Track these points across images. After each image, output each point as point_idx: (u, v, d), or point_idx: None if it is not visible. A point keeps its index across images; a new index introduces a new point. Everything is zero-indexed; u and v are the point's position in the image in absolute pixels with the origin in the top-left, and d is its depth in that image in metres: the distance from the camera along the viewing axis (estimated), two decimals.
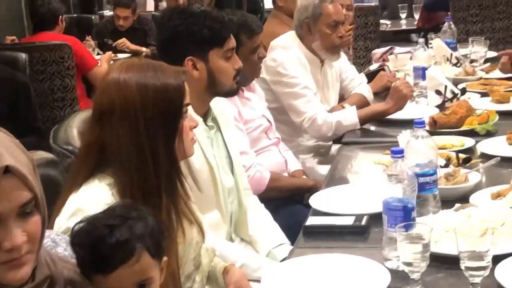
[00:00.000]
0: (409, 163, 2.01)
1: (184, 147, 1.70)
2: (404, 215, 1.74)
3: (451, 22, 4.40)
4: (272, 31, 3.72)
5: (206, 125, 2.27)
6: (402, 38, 7.09)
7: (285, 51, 3.22)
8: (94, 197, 1.58)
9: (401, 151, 1.80)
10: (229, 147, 2.34)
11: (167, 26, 2.28)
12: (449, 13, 5.40)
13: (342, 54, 3.49)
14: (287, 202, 2.79)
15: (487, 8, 5.53)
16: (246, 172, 2.64)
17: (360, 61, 5.71)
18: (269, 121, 2.93)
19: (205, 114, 2.27)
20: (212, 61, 2.24)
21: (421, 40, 3.78)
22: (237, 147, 2.49)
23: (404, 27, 6.76)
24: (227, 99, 2.49)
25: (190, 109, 1.76)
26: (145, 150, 1.61)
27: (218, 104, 2.36)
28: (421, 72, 3.47)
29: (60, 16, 4.85)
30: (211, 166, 2.20)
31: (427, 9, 6.31)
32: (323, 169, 3.13)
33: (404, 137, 2.39)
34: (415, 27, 6.74)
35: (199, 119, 2.19)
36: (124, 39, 5.52)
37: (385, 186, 1.80)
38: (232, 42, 2.26)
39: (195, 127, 1.76)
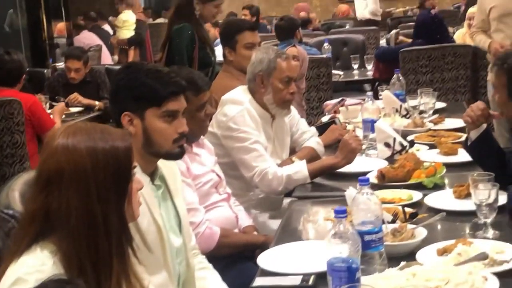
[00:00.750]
0: (355, 220, 2.03)
1: (133, 209, 1.69)
2: (349, 275, 1.74)
3: (399, 74, 4.48)
4: (223, 85, 3.75)
5: (154, 184, 2.24)
6: (355, 88, 7.17)
7: (236, 106, 3.23)
8: (35, 266, 1.54)
9: (344, 211, 1.81)
10: (178, 206, 2.32)
11: (113, 80, 2.30)
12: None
13: (293, 108, 3.52)
14: (237, 260, 2.76)
15: (436, 59, 5.67)
16: (196, 229, 2.62)
17: (314, 111, 5.77)
18: (219, 176, 2.92)
19: (152, 173, 2.25)
20: (148, 120, 2.18)
21: (369, 93, 3.83)
22: (186, 203, 2.47)
23: (356, 77, 6.85)
24: None
25: (138, 169, 1.74)
26: (96, 214, 1.58)
27: (167, 163, 2.34)
28: (370, 125, 3.51)
29: (24, 75, 4.80)
30: (158, 226, 2.17)
31: (379, 60, 6.43)
32: (275, 224, 3.10)
33: (351, 193, 2.39)
34: (368, 77, 6.84)
35: (146, 179, 2.17)
36: (75, 94, 5.47)
37: (331, 245, 1.80)
38: (175, 105, 2.20)
39: (140, 189, 1.74)
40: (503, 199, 2.47)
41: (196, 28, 4.32)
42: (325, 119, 4.27)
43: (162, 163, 2.29)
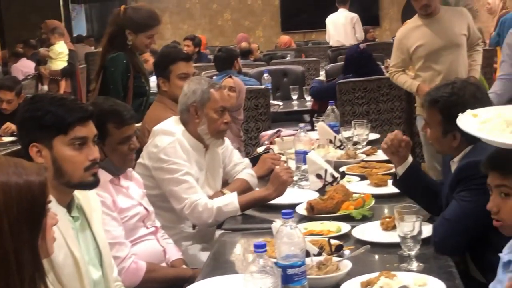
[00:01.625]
0: (278, 254, 2.01)
1: (47, 246, 1.63)
2: None
3: (334, 106, 4.52)
4: (156, 116, 3.72)
5: (71, 216, 2.18)
6: (295, 118, 7.23)
7: (167, 137, 3.20)
8: None
9: (263, 245, 1.79)
10: (97, 238, 2.26)
11: (18, 113, 2.25)
12: None
13: (226, 139, 3.51)
14: None
15: (371, 90, 5.76)
16: (121, 263, 2.57)
17: (252, 142, 5.78)
18: (146, 209, 2.87)
19: (69, 204, 2.19)
20: (56, 148, 2.13)
21: (302, 124, 3.85)
22: (111, 238, 2.41)
23: (295, 108, 6.90)
24: (101, 187, 2.42)
25: (53, 201, 1.69)
26: (8, 251, 1.52)
27: (85, 193, 2.28)
28: (302, 156, 3.52)
29: None
30: (76, 259, 2.10)
31: (314, 98, 6.47)
32: (207, 256, 3.07)
33: (277, 226, 2.38)
34: (307, 108, 6.89)
35: (63, 210, 2.12)
36: (8, 124, 5.36)
37: (250, 280, 1.78)
38: (82, 131, 2.15)
39: (55, 224, 1.69)
40: (428, 231, 2.50)
41: (131, 57, 4.28)
42: (260, 150, 4.27)
43: (79, 193, 2.23)
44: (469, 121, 2.10)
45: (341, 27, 11.04)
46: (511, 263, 1.97)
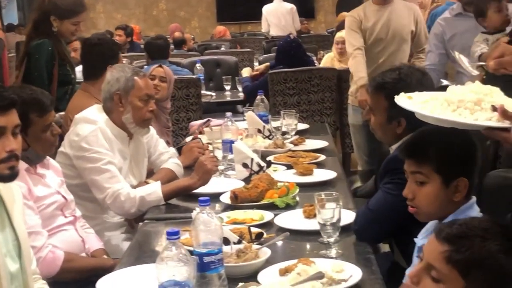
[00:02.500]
0: (195, 241, 1.99)
1: None
2: None
3: (263, 96, 4.51)
4: (79, 104, 3.63)
5: None
6: (228, 109, 7.18)
7: (90, 125, 3.13)
8: None
9: (177, 233, 1.76)
10: (17, 229, 2.18)
11: None
12: None
13: (151, 128, 3.45)
14: (83, 285, 2.64)
15: (302, 81, 5.78)
16: (38, 253, 2.50)
17: (183, 132, 5.73)
18: (65, 198, 2.80)
19: None
20: None
21: (229, 114, 3.83)
22: (27, 227, 2.34)
23: (228, 98, 6.86)
24: None
25: None
26: None
27: (7, 184, 2.20)
28: (229, 145, 3.50)
29: None
30: None
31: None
32: None
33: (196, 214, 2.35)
34: (240, 99, 6.87)
35: None
36: None
37: (163, 268, 1.75)
38: (1, 120, 2.02)
39: None
40: (348, 218, 2.52)
41: (56, 44, 4.17)
42: (188, 139, 4.23)
43: (0, 186, 2.15)
44: (409, 102, 2.08)
45: (282, 18, 11.20)
46: None
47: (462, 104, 1.94)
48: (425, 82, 2.65)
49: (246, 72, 6.45)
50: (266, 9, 11.39)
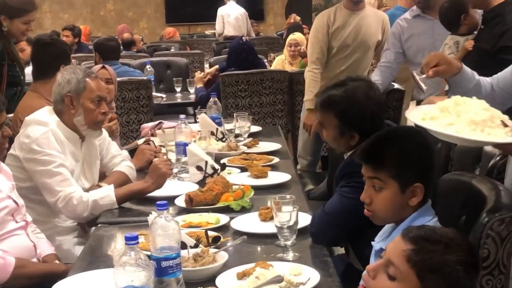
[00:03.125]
0: (152, 246, 1.96)
1: None
2: None
3: (216, 98, 4.50)
4: (29, 105, 3.57)
5: None
6: (178, 111, 7.14)
7: (41, 127, 3.06)
8: None
9: (135, 237, 1.73)
10: None
11: None
12: None
13: (103, 130, 3.40)
14: None
15: (254, 83, 5.78)
16: None
17: (133, 134, 5.67)
18: (16, 202, 2.73)
19: None
20: None
21: (182, 116, 3.80)
22: None
23: (179, 100, 6.82)
24: None
25: None
26: None
27: None
28: (182, 148, 3.47)
29: None
30: None
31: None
32: None
33: (153, 218, 2.32)
34: (191, 101, 6.84)
35: None
36: None
37: (121, 273, 1.72)
38: None
39: None
40: (305, 221, 2.53)
41: (6, 44, 4.08)
42: (140, 141, 4.18)
43: None
44: (430, 124, 2.26)
45: (240, 19, 11.48)
46: (383, 250, 2.02)
47: (486, 124, 2.17)
48: (372, 95, 2.67)
49: (199, 82, 6.41)
50: (222, 10, 11.55)
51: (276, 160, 3.65)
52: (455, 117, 2.21)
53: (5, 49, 4.08)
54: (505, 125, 2.18)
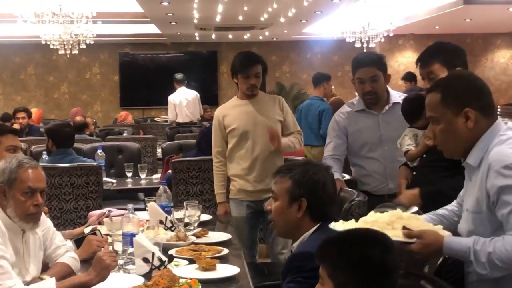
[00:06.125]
0: None
1: None
2: None
3: (165, 187, 4.45)
4: None
5: None
6: (129, 196, 7.07)
7: None
8: None
9: None
10: None
11: None
12: None
13: (48, 220, 3.31)
14: None
15: (206, 170, 5.75)
16: None
17: (81, 221, 5.54)
18: None
19: None
20: None
21: (130, 205, 3.74)
22: None
23: (130, 186, 6.74)
24: None
25: None
26: None
27: None
28: (129, 239, 3.39)
29: None
30: None
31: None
32: None
33: None
34: (142, 186, 6.77)
35: None
36: None
37: None
38: None
39: None
40: None
41: None
42: (87, 230, 4.08)
43: None
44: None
45: (191, 105, 11.52)
46: None
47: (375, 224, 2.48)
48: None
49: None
50: (172, 97, 11.46)
51: (225, 251, 3.59)
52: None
53: None
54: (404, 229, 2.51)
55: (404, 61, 17.81)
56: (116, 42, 16.99)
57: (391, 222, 2.46)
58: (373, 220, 2.48)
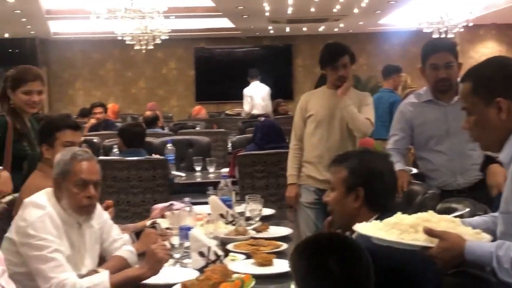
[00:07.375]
0: None
1: None
2: None
3: (227, 180, 4.40)
4: (34, 186, 3.49)
5: None
6: (199, 190, 7.07)
7: (38, 210, 2.98)
8: None
9: None
10: None
11: None
12: None
13: (105, 213, 3.31)
14: None
15: (271, 164, 5.69)
16: None
17: (148, 214, 5.55)
18: None
19: None
20: None
21: (187, 199, 3.71)
22: None
23: (198, 179, 6.75)
24: None
25: None
26: None
27: None
28: (186, 233, 3.36)
29: None
30: None
31: None
32: None
33: None
34: (211, 180, 6.76)
35: None
36: None
37: None
38: None
39: None
40: None
41: (14, 119, 4.12)
42: (148, 223, 4.08)
43: None
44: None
45: (266, 99, 12.10)
46: None
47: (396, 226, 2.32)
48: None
49: None
50: (247, 91, 11.94)
51: (284, 246, 3.50)
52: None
53: (12, 123, 4.10)
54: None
55: (486, 52, 17.22)
56: (191, 37, 17.16)
57: (415, 225, 2.27)
58: (395, 222, 2.31)
